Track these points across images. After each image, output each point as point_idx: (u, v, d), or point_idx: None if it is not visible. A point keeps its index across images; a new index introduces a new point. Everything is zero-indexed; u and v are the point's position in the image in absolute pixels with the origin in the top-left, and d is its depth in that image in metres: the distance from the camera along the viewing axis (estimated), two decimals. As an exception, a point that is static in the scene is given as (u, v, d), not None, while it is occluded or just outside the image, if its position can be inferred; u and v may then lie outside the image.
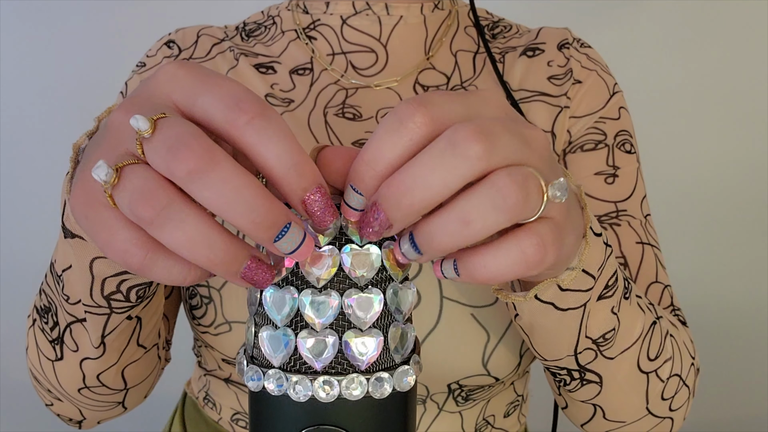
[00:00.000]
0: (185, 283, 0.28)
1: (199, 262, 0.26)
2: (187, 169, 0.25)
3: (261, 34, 0.60)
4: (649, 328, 0.44)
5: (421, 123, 0.26)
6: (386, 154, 0.27)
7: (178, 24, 0.63)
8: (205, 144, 0.25)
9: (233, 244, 0.26)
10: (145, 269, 0.27)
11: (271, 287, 0.30)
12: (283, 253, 0.27)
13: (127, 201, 0.26)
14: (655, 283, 0.54)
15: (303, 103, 0.54)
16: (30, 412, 1.34)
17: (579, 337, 0.40)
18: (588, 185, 0.55)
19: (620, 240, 0.54)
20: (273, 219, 0.26)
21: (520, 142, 0.27)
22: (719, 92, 1.51)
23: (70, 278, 0.39)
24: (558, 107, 0.55)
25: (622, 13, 1.49)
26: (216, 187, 0.25)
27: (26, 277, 1.53)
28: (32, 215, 1.55)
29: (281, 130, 0.26)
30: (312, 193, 0.27)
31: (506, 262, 0.28)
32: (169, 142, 0.25)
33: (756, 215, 1.54)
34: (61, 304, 0.41)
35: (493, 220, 0.26)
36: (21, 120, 1.54)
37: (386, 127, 0.27)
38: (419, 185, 0.26)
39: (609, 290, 0.39)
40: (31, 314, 0.48)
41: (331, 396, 0.29)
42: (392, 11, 0.55)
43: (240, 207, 0.25)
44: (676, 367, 0.46)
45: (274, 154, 0.26)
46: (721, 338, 1.48)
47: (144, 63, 0.59)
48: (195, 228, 0.25)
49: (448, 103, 0.27)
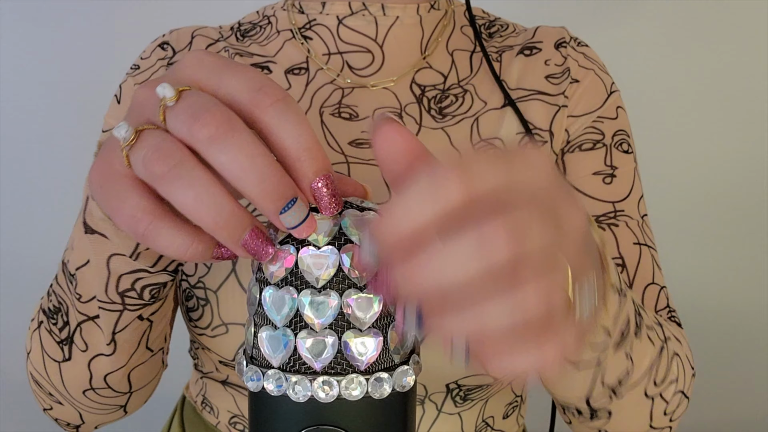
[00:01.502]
0: (187, 256, 0.29)
1: (203, 222, 0.27)
2: (208, 134, 0.26)
3: (256, 34, 0.59)
4: (656, 357, 0.43)
5: (456, 193, 0.24)
6: (413, 217, 0.24)
7: (179, 23, 0.63)
8: (226, 113, 0.27)
9: (238, 211, 0.27)
10: (148, 236, 0.28)
11: (271, 287, 0.30)
12: (285, 227, 0.28)
13: (142, 157, 0.27)
14: (651, 285, 0.54)
15: (299, 103, 0.54)
16: (30, 412, 1.34)
17: (594, 386, 0.40)
18: (586, 185, 0.55)
19: (618, 240, 0.54)
20: (282, 190, 0.27)
21: (555, 235, 0.24)
22: (719, 92, 1.51)
23: (85, 275, 0.40)
24: (556, 106, 0.55)
25: (620, 12, 1.49)
26: (233, 152, 0.26)
27: (26, 277, 1.52)
28: (32, 215, 1.55)
29: (300, 116, 0.28)
30: (321, 178, 0.28)
31: (522, 361, 0.25)
32: (192, 109, 0.27)
33: (756, 215, 1.54)
34: (72, 303, 0.42)
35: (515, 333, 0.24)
36: (21, 120, 1.54)
37: (419, 188, 0.24)
38: (437, 274, 0.24)
39: (624, 337, 0.39)
40: (35, 318, 0.48)
41: (331, 396, 0.29)
42: (388, 11, 0.55)
43: (252, 174, 0.26)
44: (680, 385, 0.47)
45: (292, 136, 0.27)
46: (721, 338, 1.48)
47: (138, 65, 0.59)
48: (204, 188, 0.26)
49: (488, 172, 0.24)
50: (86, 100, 1.48)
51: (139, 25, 1.33)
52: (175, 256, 0.29)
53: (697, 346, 0.52)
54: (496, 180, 0.24)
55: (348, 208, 0.30)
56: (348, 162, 0.52)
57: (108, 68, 1.30)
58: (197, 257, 0.29)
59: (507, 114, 0.54)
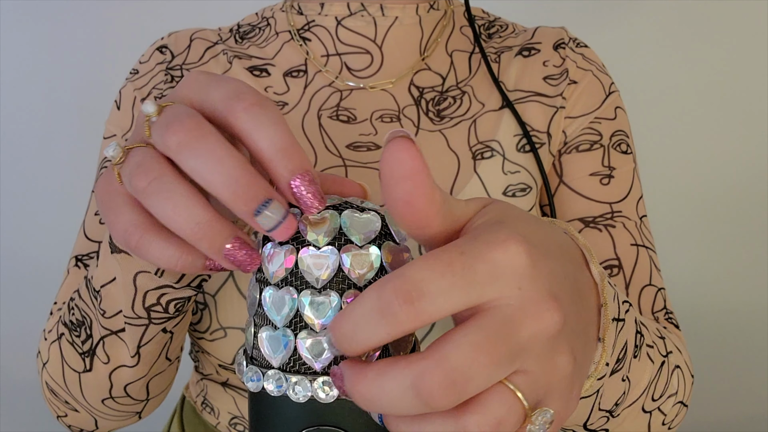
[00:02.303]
0: (178, 267, 0.30)
1: (183, 233, 0.28)
2: (177, 140, 0.27)
3: (255, 36, 0.59)
4: (656, 375, 0.43)
5: (406, 321, 0.23)
6: (363, 337, 0.24)
7: (179, 23, 0.63)
8: (196, 120, 0.28)
9: (217, 221, 0.28)
10: (140, 249, 0.29)
11: (271, 287, 0.30)
12: (263, 228, 0.28)
13: (128, 173, 0.29)
14: (648, 286, 0.54)
15: (297, 106, 0.54)
16: (30, 412, 1.34)
17: (591, 412, 0.40)
18: (583, 186, 0.55)
19: (615, 242, 0.53)
20: (254, 191, 0.27)
21: (508, 361, 0.23)
22: (719, 92, 1.51)
23: (111, 292, 0.41)
24: (554, 107, 0.55)
25: (620, 12, 1.49)
26: (201, 156, 0.27)
27: (26, 277, 1.53)
28: (32, 215, 1.55)
29: (275, 117, 0.28)
30: (298, 176, 0.28)
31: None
32: (167, 120, 0.28)
33: (756, 215, 1.54)
34: (96, 317, 0.43)
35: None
36: (21, 120, 1.53)
37: (364, 311, 0.23)
38: (381, 406, 0.24)
39: (620, 363, 0.38)
40: (53, 330, 0.49)
41: (331, 396, 0.29)
42: (387, 12, 0.55)
43: (222, 176, 0.27)
44: (680, 396, 0.46)
45: (265, 137, 0.28)
46: (721, 338, 1.48)
47: (137, 70, 0.59)
48: (182, 200, 0.27)
49: (443, 294, 0.23)
50: (86, 100, 1.48)
51: (139, 25, 1.33)
52: (167, 267, 0.30)
53: (697, 346, 0.52)
54: (449, 305, 0.23)
55: (348, 209, 0.30)
56: (345, 165, 0.52)
57: (108, 68, 1.30)
58: (188, 268, 0.30)
59: (505, 115, 0.54)
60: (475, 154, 0.53)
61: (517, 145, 0.54)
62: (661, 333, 0.47)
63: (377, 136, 0.53)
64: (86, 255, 0.55)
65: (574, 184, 0.55)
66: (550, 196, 0.54)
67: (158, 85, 0.57)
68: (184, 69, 0.57)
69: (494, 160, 0.53)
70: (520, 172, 0.53)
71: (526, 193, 0.53)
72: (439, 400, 0.22)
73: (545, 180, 0.53)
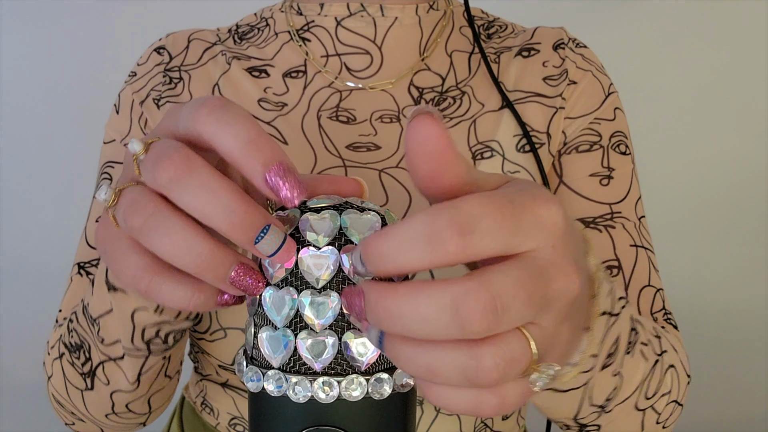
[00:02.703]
0: (190, 307, 0.29)
1: (186, 267, 0.27)
2: (168, 177, 0.27)
3: (254, 37, 0.59)
4: (649, 372, 0.43)
5: (455, 254, 0.23)
6: (401, 261, 0.24)
7: (179, 23, 0.63)
8: (184, 153, 0.27)
9: (219, 249, 0.27)
10: (151, 293, 0.29)
11: (271, 288, 0.30)
12: (264, 255, 0.28)
13: (122, 214, 0.28)
14: (647, 287, 0.54)
15: (296, 107, 0.54)
16: (30, 412, 1.34)
17: (581, 406, 0.40)
18: (582, 187, 0.55)
19: (614, 242, 0.54)
20: (251, 220, 0.27)
21: (539, 303, 0.24)
22: (719, 92, 1.51)
23: (108, 323, 0.41)
24: (553, 108, 0.55)
25: (619, 12, 1.49)
26: (194, 190, 0.26)
27: (26, 278, 1.53)
28: (32, 215, 1.55)
29: (238, 114, 0.27)
30: (272, 168, 0.27)
31: (457, 404, 0.25)
32: (155, 156, 0.27)
33: (756, 215, 1.54)
34: (95, 343, 0.43)
35: (459, 384, 0.24)
36: (21, 120, 1.53)
37: (412, 234, 0.23)
38: (405, 325, 0.24)
39: (612, 357, 0.38)
40: (56, 346, 0.49)
41: (331, 397, 0.29)
42: (387, 12, 0.55)
43: (218, 209, 0.26)
44: (674, 395, 0.47)
45: (230, 133, 0.27)
46: (721, 338, 1.48)
47: (135, 72, 0.59)
48: (179, 233, 0.27)
49: (491, 234, 0.23)
50: (86, 101, 1.48)
51: (139, 25, 1.33)
52: (179, 308, 0.29)
53: (697, 345, 0.52)
54: (494, 244, 0.23)
55: (348, 209, 0.30)
56: (345, 166, 0.52)
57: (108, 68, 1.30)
58: (201, 307, 0.29)
59: (504, 116, 0.54)
60: (474, 155, 0.53)
61: (517, 145, 0.54)
62: (657, 332, 0.47)
63: (377, 137, 0.53)
64: (88, 262, 0.56)
65: (573, 185, 0.55)
66: None
67: (156, 86, 0.57)
68: (183, 70, 0.57)
69: (494, 160, 0.53)
70: (520, 172, 0.53)
71: None
72: (476, 324, 0.22)
73: (545, 180, 0.53)
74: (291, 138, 0.53)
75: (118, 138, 0.57)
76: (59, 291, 0.62)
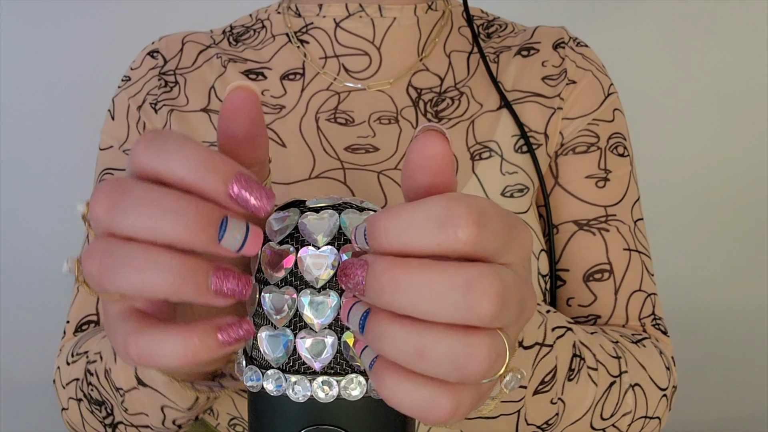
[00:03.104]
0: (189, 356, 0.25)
1: (163, 292, 0.24)
2: (104, 209, 0.24)
3: (250, 38, 0.59)
4: (602, 394, 0.44)
5: (464, 242, 0.23)
6: (412, 240, 0.24)
7: (179, 23, 0.63)
8: (114, 182, 0.25)
9: (188, 258, 0.25)
10: (144, 357, 0.26)
11: (270, 287, 0.30)
12: (232, 251, 0.25)
13: (85, 272, 0.25)
14: (638, 292, 0.54)
15: (294, 109, 0.54)
16: (30, 412, 1.34)
17: (518, 427, 0.40)
18: (578, 188, 0.55)
19: (607, 246, 0.54)
20: (206, 217, 0.24)
21: (520, 311, 0.25)
22: (719, 92, 1.51)
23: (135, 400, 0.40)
24: (551, 108, 0.55)
25: (620, 12, 1.49)
26: (133, 211, 0.24)
27: (26, 278, 1.53)
28: (32, 215, 1.55)
29: (177, 139, 0.25)
30: (234, 182, 0.25)
31: (410, 400, 0.24)
32: (90, 200, 0.25)
33: (756, 215, 1.54)
34: (118, 406, 0.43)
35: (443, 373, 0.24)
36: (21, 120, 1.53)
37: (428, 215, 0.23)
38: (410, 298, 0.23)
39: (546, 385, 0.39)
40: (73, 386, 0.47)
41: (330, 396, 0.29)
42: (385, 13, 0.55)
43: (166, 217, 0.24)
44: (639, 412, 0.47)
45: (178, 161, 0.24)
46: (721, 338, 1.48)
47: (129, 77, 0.58)
48: (142, 259, 0.24)
49: (496, 234, 0.24)
50: (86, 100, 1.48)
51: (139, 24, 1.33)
52: (178, 362, 0.25)
53: (697, 345, 0.52)
54: (494, 246, 0.24)
55: (347, 208, 0.30)
56: (344, 168, 0.52)
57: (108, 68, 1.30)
58: (201, 353, 0.25)
59: (503, 116, 0.54)
60: (473, 155, 0.53)
61: (515, 145, 0.54)
62: (619, 352, 0.47)
63: (375, 139, 0.53)
64: None
65: (569, 186, 0.55)
66: (546, 198, 0.54)
67: (152, 90, 0.56)
68: (178, 74, 0.57)
69: (492, 160, 0.53)
70: (518, 172, 0.53)
71: (523, 193, 0.53)
72: (485, 307, 0.23)
73: (542, 181, 0.53)
74: (289, 141, 0.53)
75: (116, 144, 0.57)
76: (59, 291, 0.62)
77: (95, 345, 0.47)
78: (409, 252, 0.24)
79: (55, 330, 0.86)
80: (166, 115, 0.56)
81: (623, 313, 0.54)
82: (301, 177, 0.51)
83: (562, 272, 0.55)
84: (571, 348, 0.40)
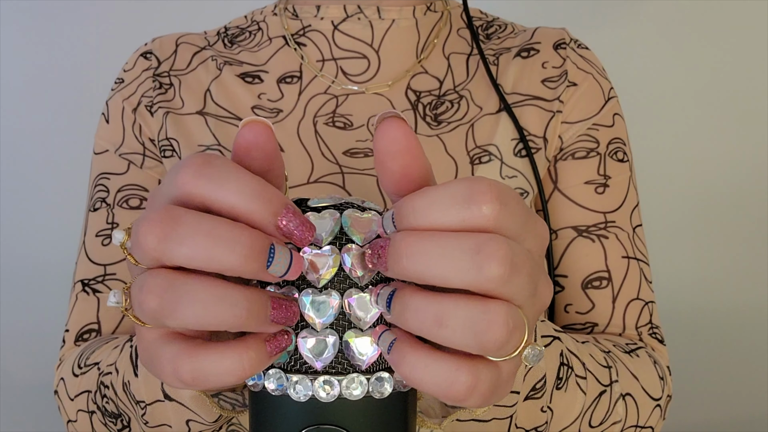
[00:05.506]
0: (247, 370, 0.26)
1: (227, 323, 0.25)
2: (156, 239, 0.24)
3: (246, 40, 0.58)
4: (591, 403, 0.44)
5: (487, 217, 0.24)
6: (437, 217, 0.25)
7: (179, 22, 0.63)
8: (163, 212, 0.25)
9: (251, 292, 0.25)
10: (198, 381, 0.26)
11: (271, 287, 0.30)
12: (278, 277, 0.26)
13: (137, 305, 0.25)
14: (635, 300, 0.54)
15: (292, 113, 0.53)
16: (30, 412, 1.34)
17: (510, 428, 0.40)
18: (577, 194, 0.55)
19: (606, 253, 0.54)
20: (259, 245, 0.25)
21: (533, 288, 0.26)
22: (719, 92, 1.51)
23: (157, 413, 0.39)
24: (551, 112, 0.55)
25: (620, 12, 1.49)
26: (188, 241, 0.24)
27: (26, 278, 1.53)
28: (33, 215, 1.55)
29: (229, 167, 0.25)
30: (284, 215, 0.26)
31: (430, 375, 0.25)
32: (135, 228, 0.25)
33: (756, 215, 1.54)
34: (137, 419, 0.42)
35: (462, 341, 0.24)
36: (21, 120, 1.53)
37: (453, 192, 0.25)
38: (430, 269, 0.24)
39: (537, 392, 0.39)
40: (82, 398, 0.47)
41: (332, 396, 0.29)
42: (384, 14, 0.55)
43: (221, 246, 0.24)
44: (630, 421, 0.47)
45: (232, 192, 0.25)
46: (721, 338, 1.48)
47: (122, 79, 0.58)
48: (206, 293, 0.24)
49: (515, 215, 0.25)
50: (86, 100, 1.48)
51: (139, 24, 1.33)
52: (236, 379, 0.26)
53: (697, 346, 0.52)
54: (514, 226, 0.25)
55: (349, 208, 0.30)
56: (343, 172, 0.51)
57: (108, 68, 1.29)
58: (256, 366, 0.26)
59: (502, 119, 0.54)
60: (473, 159, 0.52)
61: (515, 149, 0.53)
62: (610, 362, 0.47)
63: None
64: (93, 279, 0.55)
65: (568, 192, 0.55)
66: (544, 203, 0.54)
67: (147, 92, 0.56)
68: (172, 75, 0.56)
69: (492, 164, 0.52)
70: (518, 176, 0.53)
71: (523, 197, 0.53)
72: (494, 267, 0.24)
73: (540, 186, 0.53)
74: (287, 145, 0.52)
75: (111, 148, 0.57)
76: (59, 291, 0.62)
77: (107, 356, 0.46)
78: (436, 229, 0.25)
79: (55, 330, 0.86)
80: (161, 118, 0.55)
81: (620, 322, 0.54)
82: (300, 182, 0.51)
83: (561, 278, 0.55)
84: (558, 357, 0.40)
